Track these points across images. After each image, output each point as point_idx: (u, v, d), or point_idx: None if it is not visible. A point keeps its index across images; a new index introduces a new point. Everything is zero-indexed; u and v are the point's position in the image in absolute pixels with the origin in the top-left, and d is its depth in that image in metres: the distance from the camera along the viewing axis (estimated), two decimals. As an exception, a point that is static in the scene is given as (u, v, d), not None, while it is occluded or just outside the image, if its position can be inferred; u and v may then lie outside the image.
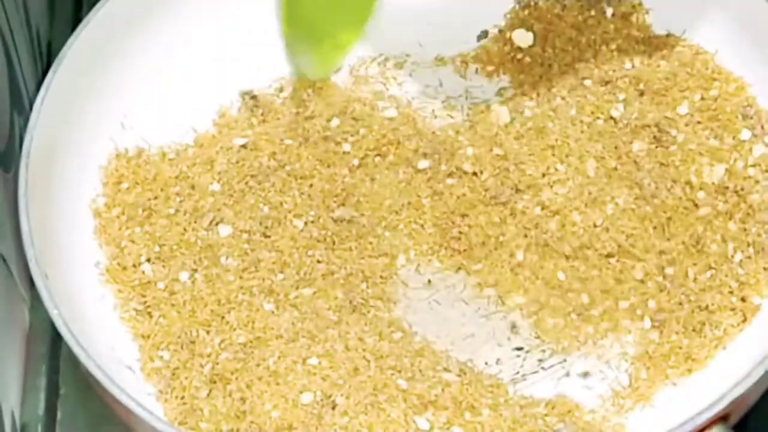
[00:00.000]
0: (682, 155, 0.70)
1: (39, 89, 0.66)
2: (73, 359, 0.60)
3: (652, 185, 0.70)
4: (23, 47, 0.72)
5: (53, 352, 0.70)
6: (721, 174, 0.69)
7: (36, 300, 0.69)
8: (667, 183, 0.70)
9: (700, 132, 0.71)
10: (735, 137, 0.70)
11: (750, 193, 0.69)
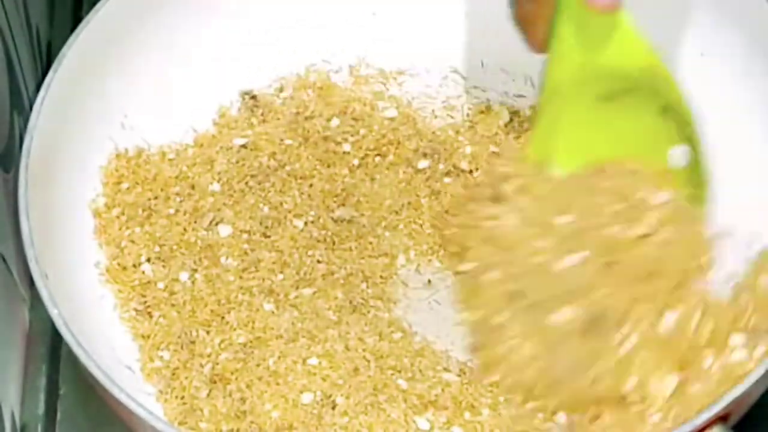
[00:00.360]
0: None
1: (39, 89, 0.66)
2: (73, 359, 0.59)
3: None
4: (23, 47, 0.72)
5: (53, 352, 0.70)
6: None
7: (36, 300, 0.69)
8: None
9: None
10: None
11: None
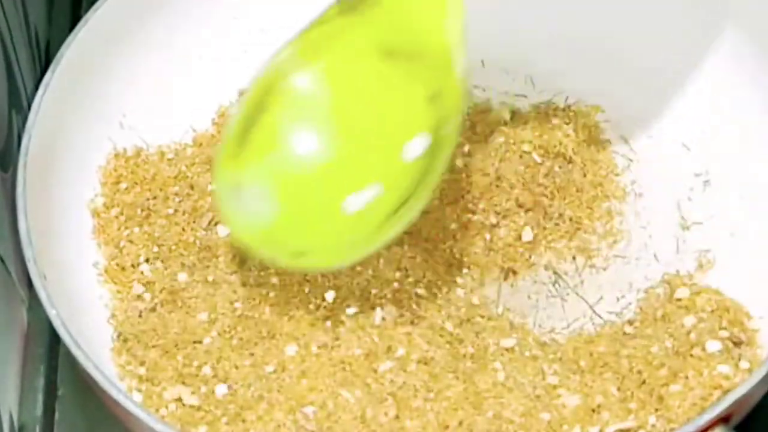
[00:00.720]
0: None
1: (37, 88, 0.66)
2: (71, 360, 0.59)
3: None
4: (22, 47, 0.72)
5: (51, 352, 0.70)
6: None
7: (34, 300, 0.69)
8: None
9: None
10: None
11: None
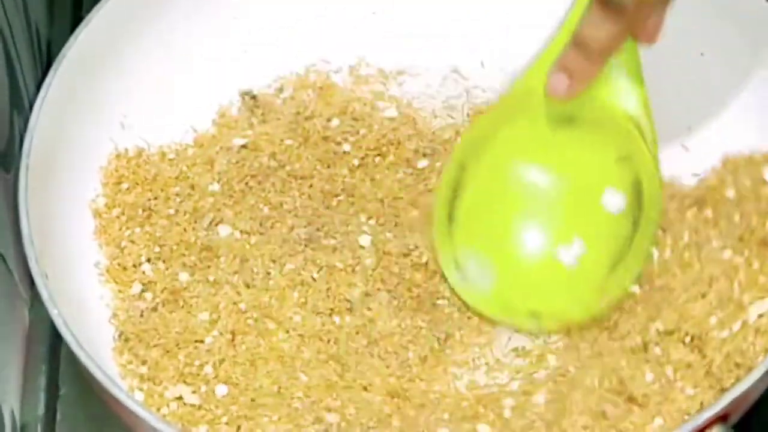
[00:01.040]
0: None
1: (39, 89, 0.66)
2: (73, 359, 0.59)
3: None
4: (23, 47, 0.72)
5: (53, 352, 0.69)
6: None
7: (36, 300, 0.69)
8: None
9: None
10: None
11: None
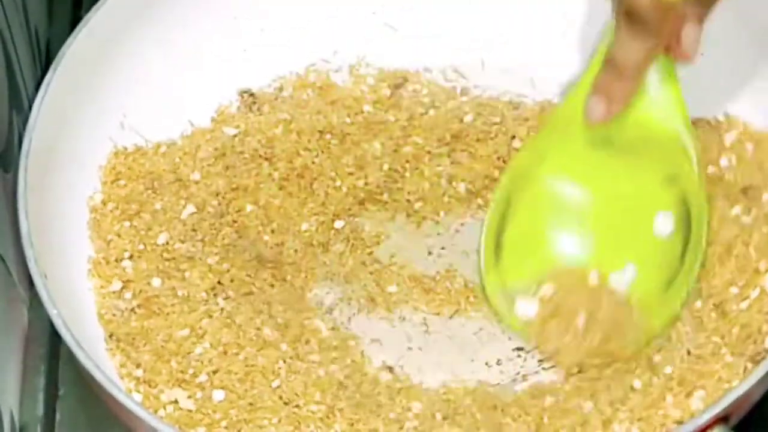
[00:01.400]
0: None
1: (38, 89, 0.66)
2: (72, 359, 0.59)
3: None
4: (22, 47, 0.72)
5: (52, 352, 0.69)
6: None
7: (35, 300, 0.69)
8: None
9: None
10: None
11: None
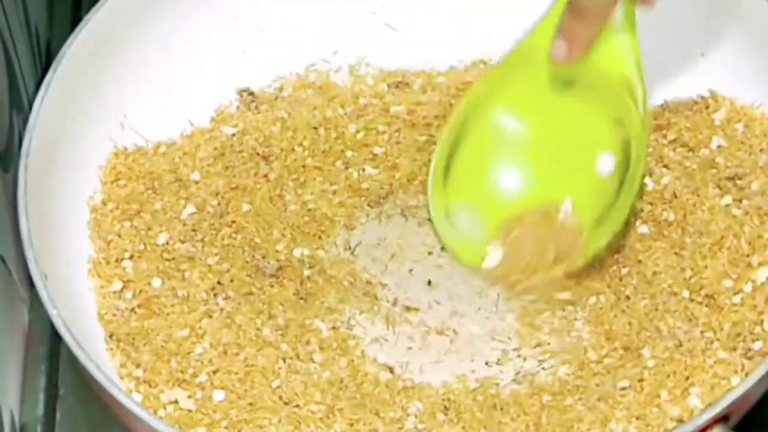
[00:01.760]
0: None
1: (38, 88, 0.66)
2: (73, 360, 0.59)
3: None
4: (23, 46, 0.72)
5: (52, 352, 0.69)
6: None
7: (35, 300, 0.69)
8: None
9: None
10: None
11: None
